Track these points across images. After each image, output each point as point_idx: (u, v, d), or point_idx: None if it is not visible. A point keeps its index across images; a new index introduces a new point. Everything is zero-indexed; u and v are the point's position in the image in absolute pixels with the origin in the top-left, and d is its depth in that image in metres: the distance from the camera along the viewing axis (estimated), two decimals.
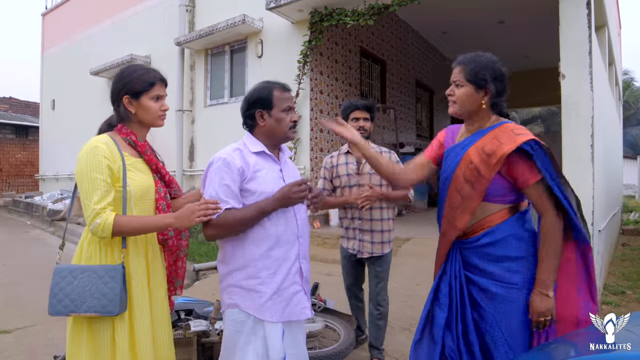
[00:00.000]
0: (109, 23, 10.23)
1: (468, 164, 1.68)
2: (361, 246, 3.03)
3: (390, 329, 3.68)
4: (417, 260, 4.93)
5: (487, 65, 1.70)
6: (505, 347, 1.64)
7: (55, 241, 8.24)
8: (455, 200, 1.71)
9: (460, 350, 1.70)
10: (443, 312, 1.74)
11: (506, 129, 1.65)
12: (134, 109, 1.76)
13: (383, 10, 5.59)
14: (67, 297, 1.57)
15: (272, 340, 1.70)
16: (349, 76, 7.95)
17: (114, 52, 9.53)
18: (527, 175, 1.61)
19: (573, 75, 4.49)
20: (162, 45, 8.59)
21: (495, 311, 1.66)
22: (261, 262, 1.72)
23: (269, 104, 1.79)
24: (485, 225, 1.68)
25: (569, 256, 1.62)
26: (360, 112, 2.92)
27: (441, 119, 13.15)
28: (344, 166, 2.99)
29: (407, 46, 10.48)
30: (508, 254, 1.65)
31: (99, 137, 1.73)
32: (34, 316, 4.01)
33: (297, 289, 1.79)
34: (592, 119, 4.41)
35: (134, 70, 1.79)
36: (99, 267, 1.63)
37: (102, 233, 1.57)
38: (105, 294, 1.58)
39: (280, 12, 6.46)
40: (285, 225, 1.77)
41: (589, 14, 4.44)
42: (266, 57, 7.20)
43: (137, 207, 1.73)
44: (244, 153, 1.77)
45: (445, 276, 1.78)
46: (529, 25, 9.56)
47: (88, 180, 1.60)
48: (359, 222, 3.00)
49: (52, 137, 12.45)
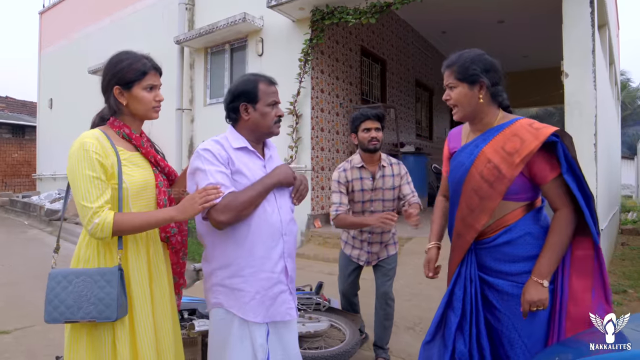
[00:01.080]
0: (107, 21, 10.17)
1: (485, 163, 1.63)
2: (369, 257, 3.02)
3: (395, 328, 3.65)
4: (420, 259, 4.88)
5: (474, 59, 1.67)
6: (523, 348, 1.61)
7: (53, 241, 8.19)
8: (472, 201, 1.66)
9: (471, 354, 1.67)
10: (456, 317, 1.70)
11: (523, 125, 1.61)
12: (125, 100, 1.63)
13: (385, 9, 5.57)
14: (62, 304, 1.49)
15: (256, 341, 1.65)
16: (350, 75, 7.93)
17: (112, 50, 9.34)
18: (546, 171, 1.58)
19: (576, 74, 4.48)
20: (161, 43, 8.54)
21: (511, 313, 1.63)
22: (244, 260, 1.66)
23: (254, 97, 1.72)
24: (501, 225, 1.65)
25: (586, 253, 1.58)
26: (372, 122, 2.84)
27: (440, 119, 13.15)
28: (359, 181, 2.91)
29: (407, 45, 10.47)
30: (525, 253, 1.62)
31: (88, 132, 1.59)
32: (33, 316, 3.96)
33: (282, 289, 1.73)
34: (596, 117, 4.41)
35: (124, 58, 1.65)
36: (94, 270, 1.53)
37: (101, 233, 1.47)
38: (102, 299, 1.49)
39: (281, 10, 6.42)
40: (268, 223, 1.70)
41: (592, 12, 4.44)
42: (267, 56, 7.16)
43: (136, 204, 1.62)
44: (225, 147, 1.70)
45: (460, 279, 1.73)
46: (529, 25, 9.56)
47: (81, 179, 1.50)
48: (368, 236, 2.96)
49: (49, 136, 12.37)
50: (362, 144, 2.86)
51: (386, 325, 3.07)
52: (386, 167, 2.94)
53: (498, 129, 1.66)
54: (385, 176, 2.93)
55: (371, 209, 2.92)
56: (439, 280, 4.38)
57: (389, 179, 2.93)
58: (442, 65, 1.76)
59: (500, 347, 1.67)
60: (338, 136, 7.51)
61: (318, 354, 2.71)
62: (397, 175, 2.96)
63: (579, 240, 1.59)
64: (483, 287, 1.70)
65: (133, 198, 1.61)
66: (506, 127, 1.65)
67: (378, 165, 2.92)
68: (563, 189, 1.57)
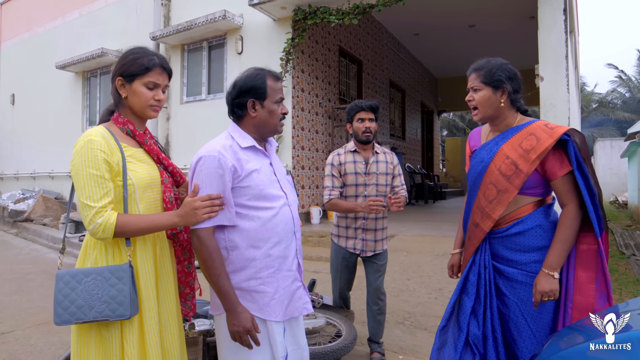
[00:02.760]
0: (76, 15, 9.80)
1: (504, 159, 1.76)
2: (364, 245, 3.03)
3: (385, 323, 3.74)
4: (405, 256, 5.03)
5: (501, 66, 1.80)
6: (529, 332, 1.73)
7: (20, 243, 7.82)
8: (490, 193, 1.78)
9: (485, 335, 1.78)
10: (470, 301, 1.81)
11: (540, 125, 1.75)
12: (125, 92, 1.61)
13: (368, 10, 5.66)
14: (73, 304, 1.45)
15: (274, 339, 1.64)
16: (328, 75, 7.99)
17: (83, 45, 9.15)
18: (557, 167, 1.71)
19: (551, 78, 4.71)
20: (135, 39, 8.31)
21: (519, 299, 1.75)
22: (262, 262, 1.64)
23: (263, 93, 1.66)
24: (515, 217, 1.77)
25: (590, 247, 1.71)
26: (366, 113, 2.93)
27: (412, 119, 13.42)
28: (352, 164, 2.97)
29: (381, 47, 10.64)
30: (535, 244, 1.75)
31: (93, 129, 1.57)
32: (11, 322, 3.81)
33: (297, 285, 1.74)
34: (569, 119, 4.65)
35: (135, 52, 1.64)
36: (104, 268, 1.50)
37: (102, 234, 1.45)
38: (114, 297, 1.47)
39: (262, 9, 6.40)
40: (283, 222, 1.68)
41: (566, 19, 4.67)
42: (246, 54, 7.12)
43: (143, 200, 1.59)
44: (234, 149, 1.64)
45: (475, 266, 1.85)
46: (498, 30, 9.94)
47: (85, 177, 1.47)
48: (363, 222, 3.00)
49: (11, 134, 11.78)
50: (356, 134, 2.96)
51: (380, 319, 3.13)
52: (380, 154, 3.03)
53: (516, 129, 1.79)
54: (379, 162, 3.00)
55: (365, 193, 2.97)
56: (426, 277, 4.55)
57: (382, 164, 3.00)
58: (469, 69, 1.87)
59: (507, 332, 1.79)
60: (317, 135, 7.55)
61: (317, 349, 2.75)
62: (390, 163, 3.06)
63: (584, 235, 1.72)
64: (495, 275, 1.81)
65: (140, 194, 1.58)
66: (523, 127, 1.78)
67: (372, 152, 3.02)
68: (570, 185, 1.70)
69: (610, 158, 15.96)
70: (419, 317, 3.74)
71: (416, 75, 13.44)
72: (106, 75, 9.18)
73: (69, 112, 9.86)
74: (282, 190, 1.72)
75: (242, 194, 1.62)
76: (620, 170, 15.33)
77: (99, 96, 9.36)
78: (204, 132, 6.97)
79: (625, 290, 4.68)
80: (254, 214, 1.63)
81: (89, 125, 9.60)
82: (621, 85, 26.38)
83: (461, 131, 29.39)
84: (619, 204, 13.64)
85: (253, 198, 1.63)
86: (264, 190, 1.64)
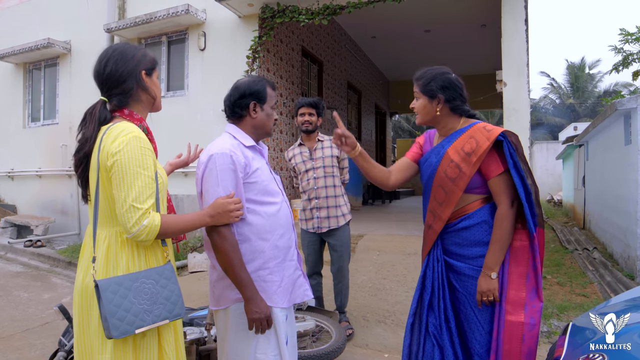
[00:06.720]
0: (15, 1, 9.02)
1: (449, 162, 1.87)
2: (319, 222, 3.49)
3: (366, 322, 3.79)
4: (377, 255, 5.11)
5: (435, 77, 1.91)
6: (477, 323, 1.87)
7: None
8: (439, 195, 1.91)
9: (441, 325, 1.90)
10: (427, 295, 1.95)
11: (479, 128, 1.86)
12: (151, 84, 1.61)
13: (338, 11, 5.69)
14: (128, 312, 1.37)
15: (279, 325, 1.74)
16: (292, 75, 7.94)
17: (25, 34, 8.44)
18: (492, 167, 1.82)
19: (514, 84, 4.99)
20: (85, 30, 7.81)
21: (468, 292, 1.88)
22: (270, 253, 1.75)
23: (263, 97, 1.84)
24: (463, 212, 1.89)
25: (523, 243, 1.83)
26: (306, 109, 3.49)
27: (367, 120, 13.67)
28: (299, 155, 3.57)
29: (340, 48, 10.74)
30: (481, 239, 1.86)
31: (129, 125, 1.47)
32: None
33: (298, 274, 1.88)
34: (530, 123, 4.94)
35: (137, 47, 1.64)
36: (149, 271, 1.45)
37: (147, 236, 1.38)
38: (168, 298, 1.46)
39: (229, 5, 6.24)
40: (285, 215, 1.83)
41: (527, 29, 4.96)
42: (209, 51, 6.90)
43: (161, 199, 1.56)
44: (241, 147, 1.76)
45: (430, 261, 1.97)
46: (452, 35, 10.37)
47: (133, 176, 1.39)
48: (315, 201, 3.49)
49: None
50: (299, 126, 3.54)
51: (343, 293, 3.57)
52: (324, 141, 3.57)
53: (459, 133, 1.91)
54: (324, 148, 3.55)
55: (314, 175, 3.49)
56: (401, 275, 4.65)
57: (327, 149, 3.54)
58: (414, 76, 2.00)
59: (460, 324, 1.92)
60: (282, 135, 7.49)
61: (313, 352, 2.72)
62: (336, 148, 3.52)
63: (518, 232, 1.84)
64: (446, 269, 1.94)
65: (162, 193, 1.56)
66: (465, 131, 1.90)
67: (316, 140, 3.55)
68: (503, 185, 1.81)
69: (546, 159, 17.13)
70: (399, 316, 3.81)
71: (371, 77, 13.70)
72: (52, 68, 8.51)
73: (8, 106, 9.06)
74: (279, 187, 1.89)
75: (250, 189, 1.74)
76: (556, 171, 16.50)
77: (43, 90, 8.64)
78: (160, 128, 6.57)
79: (575, 282, 5.05)
80: (261, 208, 1.76)
81: (31, 122, 8.87)
82: (552, 92, 28.45)
83: (406, 133, 30.37)
84: (555, 202, 14.69)
85: (259, 193, 1.76)
86: (267, 186, 1.79)
